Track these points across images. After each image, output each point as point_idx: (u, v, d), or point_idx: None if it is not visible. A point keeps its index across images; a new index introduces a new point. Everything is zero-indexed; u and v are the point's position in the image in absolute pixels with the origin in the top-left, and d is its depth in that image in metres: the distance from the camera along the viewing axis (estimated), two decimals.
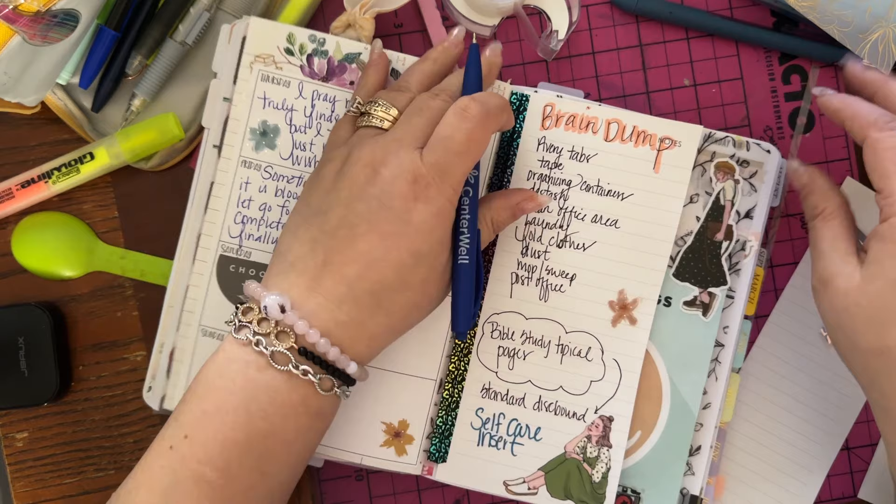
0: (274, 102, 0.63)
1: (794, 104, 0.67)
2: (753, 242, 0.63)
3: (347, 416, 0.62)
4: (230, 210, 0.63)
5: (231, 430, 0.50)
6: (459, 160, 0.53)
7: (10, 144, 0.67)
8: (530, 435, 0.63)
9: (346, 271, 0.52)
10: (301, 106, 0.63)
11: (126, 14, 0.64)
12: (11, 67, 0.57)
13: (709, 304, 0.62)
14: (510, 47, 0.67)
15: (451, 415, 0.63)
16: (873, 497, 0.67)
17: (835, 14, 0.61)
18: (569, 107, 0.63)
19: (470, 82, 0.58)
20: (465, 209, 0.56)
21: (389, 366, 0.63)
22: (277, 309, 0.51)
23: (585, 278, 0.62)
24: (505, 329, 0.63)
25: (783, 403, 0.66)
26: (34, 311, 0.65)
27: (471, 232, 0.56)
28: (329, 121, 0.63)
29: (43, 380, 0.65)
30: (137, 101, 0.65)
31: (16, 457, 0.67)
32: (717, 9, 0.67)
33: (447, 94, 0.57)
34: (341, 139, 0.57)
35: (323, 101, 0.63)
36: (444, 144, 0.53)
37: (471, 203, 0.56)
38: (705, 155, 0.63)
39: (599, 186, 0.62)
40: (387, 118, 0.56)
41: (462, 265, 0.56)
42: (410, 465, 0.63)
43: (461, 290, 0.56)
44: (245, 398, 0.51)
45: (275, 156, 0.63)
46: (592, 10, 0.67)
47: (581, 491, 0.62)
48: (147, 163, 0.66)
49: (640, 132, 0.62)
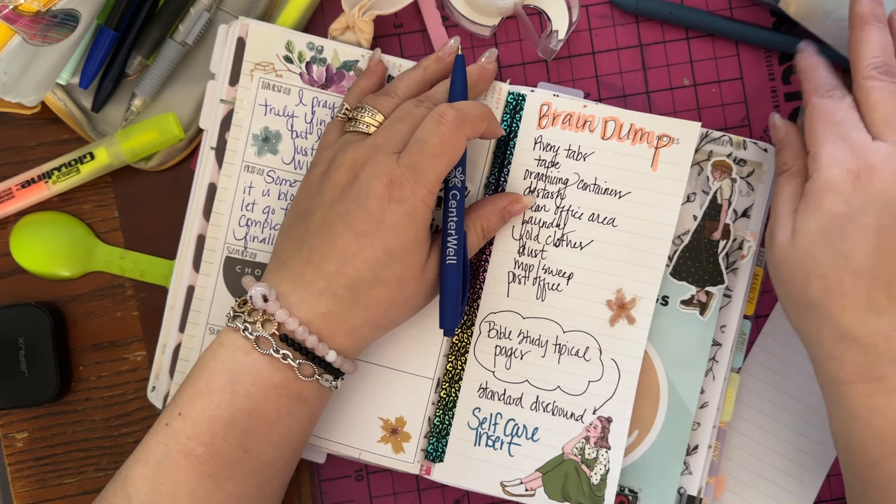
0: (275, 109, 0.64)
1: (794, 104, 0.67)
2: (752, 242, 0.62)
3: (345, 410, 0.63)
4: (234, 213, 0.64)
5: (217, 407, 0.54)
6: (433, 162, 0.56)
7: (10, 144, 0.67)
8: (528, 435, 0.63)
9: (326, 267, 0.56)
10: (302, 112, 0.64)
11: (126, 14, 0.64)
12: (11, 67, 0.58)
13: (706, 304, 0.62)
14: (510, 47, 0.67)
15: (449, 414, 0.63)
16: None
17: (835, 25, 0.62)
18: (565, 105, 0.62)
19: (455, 92, 0.60)
20: (453, 212, 0.58)
21: (387, 362, 0.63)
22: (261, 299, 0.55)
23: (583, 277, 0.62)
24: (502, 328, 0.63)
25: (783, 403, 0.66)
26: (34, 311, 0.65)
27: (458, 234, 0.58)
28: None
29: (43, 380, 0.65)
30: (137, 101, 0.65)
31: (16, 457, 0.67)
32: (717, 9, 0.67)
33: (431, 101, 0.59)
34: (329, 143, 0.60)
35: (323, 107, 0.64)
36: (419, 147, 0.56)
37: (458, 206, 0.58)
38: (702, 154, 0.63)
39: (597, 185, 0.62)
40: (372, 123, 0.59)
41: (450, 265, 0.58)
42: (408, 464, 0.63)
43: (448, 290, 0.58)
44: (231, 378, 0.55)
45: (277, 160, 0.64)
46: (592, 10, 0.67)
47: (579, 493, 0.62)
48: (147, 163, 0.66)
49: (638, 130, 0.62)
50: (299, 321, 0.55)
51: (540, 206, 0.63)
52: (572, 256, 0.62)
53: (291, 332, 0.55)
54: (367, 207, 0.55)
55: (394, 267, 0.56)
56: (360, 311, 0.56)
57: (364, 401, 0.63)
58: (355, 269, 0.55)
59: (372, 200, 0.55)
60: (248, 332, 0.55)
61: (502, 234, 0.63)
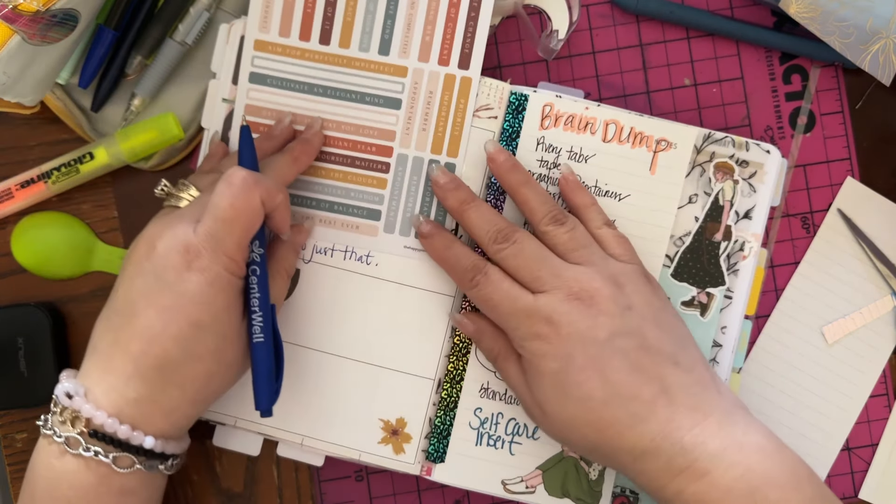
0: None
1: (795, 104, 0.67)
2: (753, 243, 0.62)
3: (345, 411, 0.63)
4: None
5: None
6: (228, 228, 0.53)
7: (9, 144, 0.67)
8: (528, 434, 0.63)
9: (131, 348, 0.53)
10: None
11: (126, 14, 0.64)
12: (11, 67, 0.57)
13: (707, 305, 0.62)
14: (510, 47, 0.67)
15: (450, 414, 0.63)
16: (873, 497, 0.67)
17: (835, 26, 0.61)
18: (567, 107, 0.62)
19: (243, 160, 0.58)
20: (254, 288, 0.56)
21: (387, 363, 0.63)
22: (65, 396, 0.53)
23: None
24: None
25: (783, 403, 0.66)
26: (34, 311, 0.65)
27: (262, 310, 0.56)
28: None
29: (43, 380, 0.65)
30: (137, 101, 0.65)
31: (16, 457, 0.67)
32: (717, 8, 0.67)
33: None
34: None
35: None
36: (212, 212, 0.53)
37: (259, 281, 0.56)
38: (704, 155, 0.63)
39: (597, 187, 0.62)
40: (186, 198, 0.58)
41: (257, 344, 0.55)
42: (409, 465, 0.63)
43: (259, 370, 0.55)
44: (48, 486, 0.53)
45: None
46: (593, 9, 0.67)
47: (578, 489, 0.62)
48: (147, 163, 0.66)
49: (638, 133, 0.62)
50: (108, 413, 0.52)
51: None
52: None
53: (100, 426, 0.52)
54: (165, 280, 0.53)
55: (206, 340, 0.53)
56: (176, 392, 0.54)
57: (364, 402, 0.63)
58: (162, 347, 0.53)
59: (170, 272, 0.53)
60: (56, 436, 0.53)
61: None
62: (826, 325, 0.66)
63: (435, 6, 0.62)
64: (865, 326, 0.66)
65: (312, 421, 0.63)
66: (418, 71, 0.63)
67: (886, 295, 0.66)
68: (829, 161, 0.67)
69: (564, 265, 0.57)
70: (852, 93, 0.68)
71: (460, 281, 0.60)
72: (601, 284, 0.56)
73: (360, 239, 0.63)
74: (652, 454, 0.54)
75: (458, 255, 0.60)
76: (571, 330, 0.55)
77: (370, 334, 0.63)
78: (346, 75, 0.63)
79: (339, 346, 0.63)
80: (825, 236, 0.67)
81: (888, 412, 0.67)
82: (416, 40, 0.63)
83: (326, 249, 0.63)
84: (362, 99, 0.63)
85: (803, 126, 0.67)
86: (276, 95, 0.63)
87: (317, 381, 0.63)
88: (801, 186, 0.67)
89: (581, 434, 0.56)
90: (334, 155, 0.63)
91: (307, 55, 0.62)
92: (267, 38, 0.62)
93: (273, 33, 0.62)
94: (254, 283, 0.56)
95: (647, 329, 0.56)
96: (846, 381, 0.66)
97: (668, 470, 0.54)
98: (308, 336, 0.63)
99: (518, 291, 0.57)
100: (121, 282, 0.55)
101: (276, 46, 0.62)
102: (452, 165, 0.63)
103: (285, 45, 0.62)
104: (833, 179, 0.67)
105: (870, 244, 0.66)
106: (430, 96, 0.63)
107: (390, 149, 0.63)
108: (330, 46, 0.62)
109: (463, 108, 0.63)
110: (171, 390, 0.54)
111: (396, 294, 0.63)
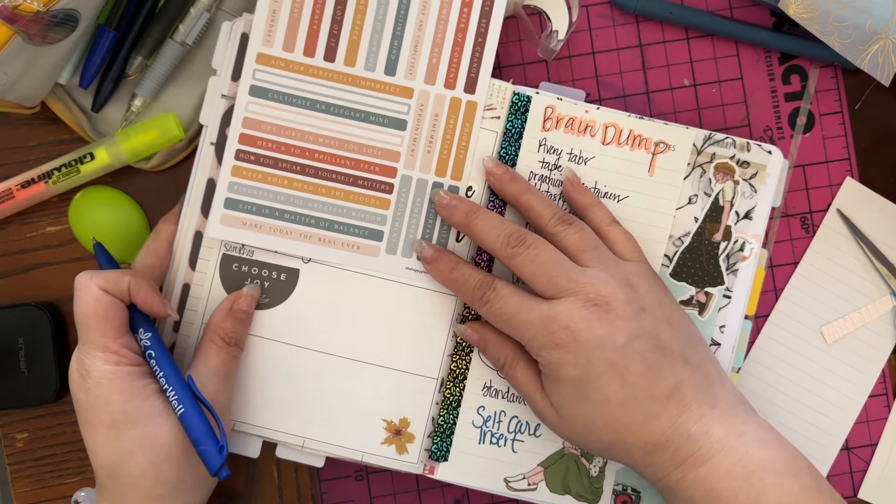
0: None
1: (794, 104, 0.67)
2: (753, 243, 0.63)
3: (347, 413, 0.63)
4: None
5: None
6: (86, 327, 0.56)
7: (9, 144, 0.67)
8: (530, 431, 0.63)
9: (94, 464, 0.57)
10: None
11: (126, 14, 0.63)
12: (11, 67, 0.57)
13: (705, 304, 0.63)
14: (510, 47, 0.67)
15: (453, 413, 0.63)
16: (873, 497, 0.67)
17: (835, 26, 0.62)
18: (568, 110, 0.63)
19: (101, 266, 0.61)
20: (157, 369, 0.58)
21: (389, 363, 0.63)
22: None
23: None
24: None
25: (783, 403, 0.66)
26: (34, 311, 0.65)
27: (172, 384, 0.57)
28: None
29: (43, 380, 0.65)
30: (137, 101, 0.65)
31: (16, 457, 0.67)
32: (717, 9, 0.67)
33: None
34: None
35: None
36: (76, 321, 0.57)
37: (159, 363, 0.58)
38: (705, 156, 0.63)
39: (596, 189, 0.63)
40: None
41: (181, 416, 0.56)
42: (412, 465, 0.63)
43: (192, 437, 0.56)
44: None
45: None
46: (592, 10, 0.67)
47: (579, 485, 0.63)
48: (147, 163, 0.66)
49: (636, 136, 0.63)
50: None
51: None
52: None
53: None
54: (78, 399, 0.57)
55: (128, 434, 0.56)
56: (131, 492, 0.56)
57: (366, 403, 0.63)
58: (99, 458, 0.56)
59: (78, 392, 0.56)
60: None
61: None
62: (825, 325, 0.67)
63: (443, 29, 0.62)
64: (865, 326, 0.67)
65: (314, 422, 0.63)
66: (424, 93, 0.63)
67: (885, 295, 0.67)
68: (829, 161, 0.68)
69: (578, 269, 0.57)
70: (851, 93, 0.68)
71: (470, 300, 0.60)
72: (616, 289, 0.56)
73: (362, 259, 0.63)
74: (662, 447, 0.56)
75: (464, 275, 0.60)
76: (591, 336, 0.55)
77: (371, 334, 0.63)
78: (351, 93, 0.62)
79: (340, 347, 0.63)
80: (824, 236, 0.67)
81: (887, 412, 0.67)
82: (422, 62, 0.62)
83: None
84: (367, 118, 0.62)
85: (802, 126, 0.68)
86: (276, 110, 0.62)
87: (318, 382, 0.63)
88: (800, 186, 0.68)
89: (596, 435, 0.57)
90: (336, 173, 0.62)
91: (311, 71, 0.62)
92: (270, 52, 0.62)
93: (276, 47, 0.62)
94: (154, 366, 0.58)
95: (661, 329, 0.57)
96: (845, 380, 0.66)
97: (674, 459, 0.56)
98: (308, 336, 0.63)
99: (531, 302, 0.57)
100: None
101: (279, 61, 0.62)
102: (456, 188, 0.63)
103: (289, 59, 0.62)
104: (832, 180, 0.68)
105: (869, 244, 0.66)
106: (436, 119, 0.63)
107: (394, 169, 0.63)
108: (335, 64, 0.62)
109: (468, 132, 0.63)
110: (127, 492, 0.57)
111: (398, 293, 0.63)
